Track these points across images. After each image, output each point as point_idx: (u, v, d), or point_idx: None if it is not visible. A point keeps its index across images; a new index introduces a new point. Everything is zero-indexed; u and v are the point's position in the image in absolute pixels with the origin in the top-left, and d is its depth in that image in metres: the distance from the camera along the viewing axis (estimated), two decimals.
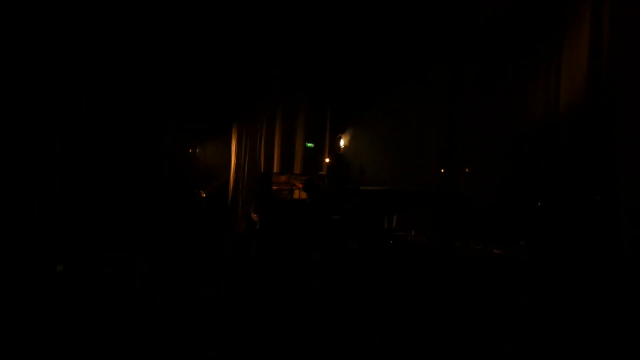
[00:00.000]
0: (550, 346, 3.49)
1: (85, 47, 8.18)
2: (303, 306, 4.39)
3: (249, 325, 3.87)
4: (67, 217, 7.39)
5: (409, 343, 3.56)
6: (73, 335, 3.59)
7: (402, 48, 9.68)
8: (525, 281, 5.43)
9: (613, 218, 6.82)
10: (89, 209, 7.79)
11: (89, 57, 8.26)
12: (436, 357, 3.37)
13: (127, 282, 5.06)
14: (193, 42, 9.40)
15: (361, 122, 10.10)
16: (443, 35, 9.40)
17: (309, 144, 10.43)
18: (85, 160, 8.02)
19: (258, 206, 8.91)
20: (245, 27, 9.68)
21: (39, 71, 7.55)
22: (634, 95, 6.87)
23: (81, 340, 3.52)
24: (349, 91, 10.32)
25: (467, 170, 8.52)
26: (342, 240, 7.51)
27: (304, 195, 7.98)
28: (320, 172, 9.76)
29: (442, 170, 9.04)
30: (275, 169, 10.21)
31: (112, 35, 8.48)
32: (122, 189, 8.36)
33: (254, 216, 8.90)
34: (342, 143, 10.22)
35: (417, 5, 9.25)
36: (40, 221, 7.01)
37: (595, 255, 6.44)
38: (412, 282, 5.34)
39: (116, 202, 8.17)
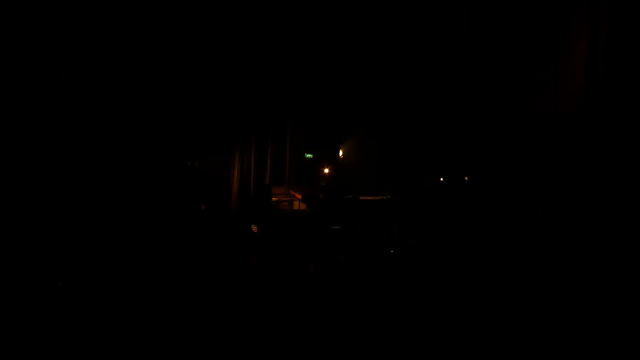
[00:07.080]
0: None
1: (89, 55, 8.15)
2: (300, 319, 4.36)
3: (244, 337, 3.85)
4: (66, 231, 7.37)
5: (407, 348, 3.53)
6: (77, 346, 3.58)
7: (398, 53, 9.63)
8: (528, 289, 5.39)
9: (616, 223, 6.76)
10: (88, 221, 7.76)
11: (94, 67, 8.23)
12: None
13: (129, 292, 5.05)
14: (193, 49, 9.35)
15: (360, 132, 10.09)
16: (440, 38, 9.37)
17: (308, 155, 10.42)
18: (83, 173, 8.00)
19: (257, 217, 8.90)
20: (250, 39, 9.65)
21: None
22: (632, 98, 6.87)
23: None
24: (347, 101, 10.30)
25: (465, 178, 8.50)
26: (342, 251, 7.47)
27: (303, 206, 7.97)
28: (320, 183, 9.74)
29: (441, 179, 9.02)
30: (274, 180, 10.19)
31: (115, 44, 8.44)
32: (121, 200, 8.33)
33: (254, 227, 8.87)
34: (341, 153, 10.21)
35: (412, 3, 9.23)
36: (39, 235, 6.99)
37: (596, 261, 6.38)
38: (412, 292, 5.31)
39: (114, 213, 8.14)
